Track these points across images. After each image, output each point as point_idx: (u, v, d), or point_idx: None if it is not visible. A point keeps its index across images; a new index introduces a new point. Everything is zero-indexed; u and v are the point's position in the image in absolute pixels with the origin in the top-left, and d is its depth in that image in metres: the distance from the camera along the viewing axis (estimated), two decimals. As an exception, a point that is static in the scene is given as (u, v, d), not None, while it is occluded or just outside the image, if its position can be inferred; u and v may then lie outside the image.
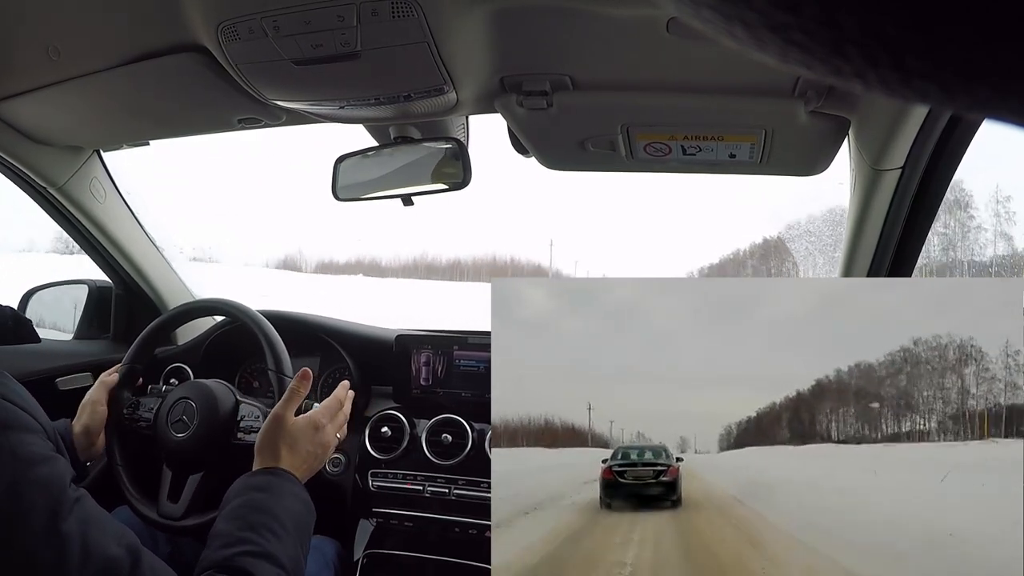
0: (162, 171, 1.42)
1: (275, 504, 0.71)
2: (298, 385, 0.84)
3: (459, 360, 1.25)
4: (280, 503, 0.72)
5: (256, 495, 0.72)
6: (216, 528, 0.69)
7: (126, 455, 1.01)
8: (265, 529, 0.67)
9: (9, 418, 0.58)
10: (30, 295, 1.41)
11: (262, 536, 0.66)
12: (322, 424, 0.84)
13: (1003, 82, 0.12)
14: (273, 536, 0.67)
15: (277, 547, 0.66)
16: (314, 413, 0.84)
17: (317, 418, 0.84)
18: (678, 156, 0.93)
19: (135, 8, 0.75)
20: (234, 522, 0.68)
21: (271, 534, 0.67)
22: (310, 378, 0.85)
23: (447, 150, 0.98)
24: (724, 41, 0.13)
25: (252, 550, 0.64)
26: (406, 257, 42.51)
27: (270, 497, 0.72)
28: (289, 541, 0.68)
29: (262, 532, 0.67)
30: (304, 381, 0.84)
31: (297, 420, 0.82)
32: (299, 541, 0.71)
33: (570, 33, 0.73)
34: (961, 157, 0.83)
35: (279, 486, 0.74)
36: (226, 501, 0.73)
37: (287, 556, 0.67)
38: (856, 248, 1.00)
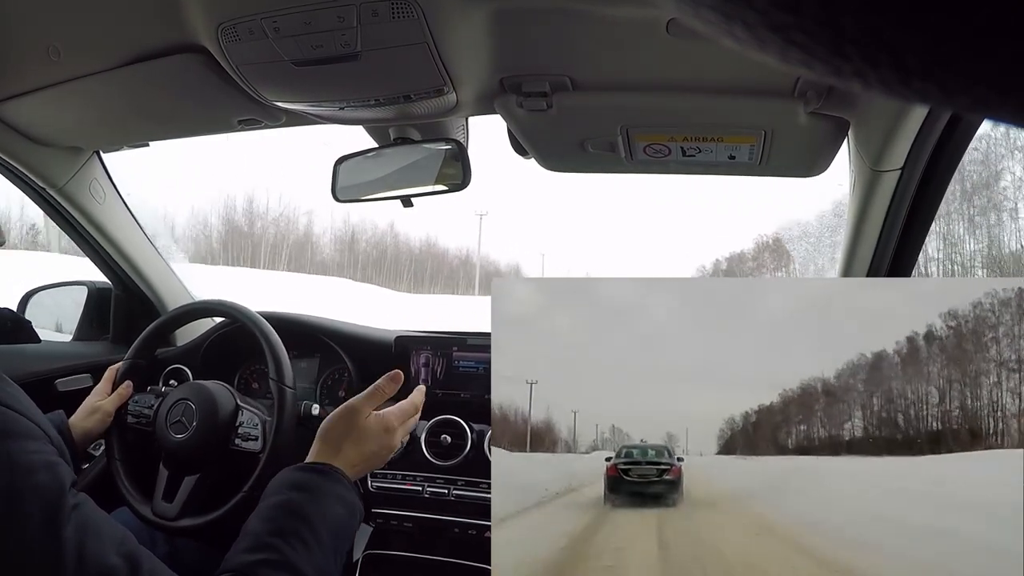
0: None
1: (313, 508, 0.68)
2: (385, 385, 0.81)
3: (458, 361, 1.25)
4: (319, 507, 0.68)
5: (295, 495, 0.69)
6: (248, 525, 0.67)
7: (124, 452, 1.01)
8: (294, 537, 0.64)
9: (8, 425, 0.57)
10: (29, 296, 1.41)
11: (289, 544, 0.64)
12: (393, 427, 0.80)
13: (1003, 82, 0.12)
14: (302, 545, 0.64)
15: (303, 557, 0.63)
16: (388, 413, 0.81)
17: (391, 420, 0.80)
18: (678, 157, 0.93)
19: (135, 8, 0.75)
20: (266, 523, 0.66)
21: (300, 543, 0.64)
22: (400, 381, 0.82)
23: (447, 151, 0.98)
24: (724, 41, 0.13)
25: (274, 559, 0.62)
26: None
27: (310, 499, 0.69)
28: (319, 551, 0.65)
29: (290, 540, 0.64)
30: (392, 384, 0.81)
31: (370, 417, 0.79)
32: (334, 548, 0.68)
33: (570, 34, 0.73)
34: (961, 157, 0.83)
35: (323, 487, 0.71)
36: (266, 494, 0.71)
37: (313, 567, 0.64)
38: (856, 248, 1.00)
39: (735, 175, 1.00)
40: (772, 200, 36.64)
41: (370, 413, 0.79)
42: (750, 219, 46.76)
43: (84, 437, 0.99)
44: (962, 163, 0.84)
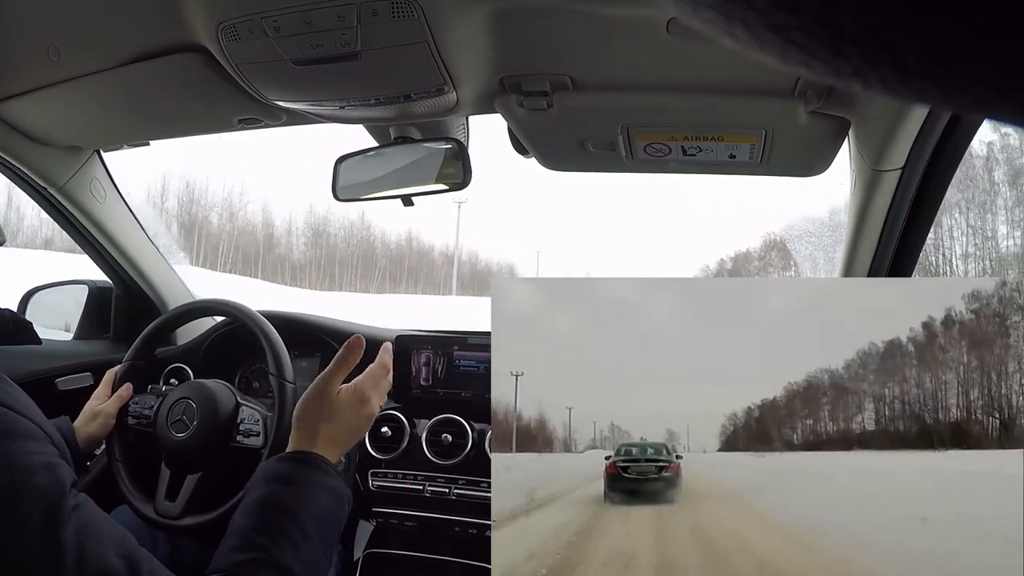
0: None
1: (298, 502, 0.67)
2: (347, 353, 0.77)
3: (459, 360, 1.25)
4: (304, 500, 0.67)
5: (278, 489, 0.68)
6: (234, 522, 0.66)
7: (125, 451, 1.01)
8: (280, 533, 0.64)
9: (8, 425, 0.57)
10: (30, 295, 1.41)
11: (275, 543, 0.63)
12: (367, 395, 0.78)
13: (1003, 82, 0.12)
14: (287, 542, 0.64)
15: (291, 556, 0.63)
16: (359, 382, 0.78)
17: (362, 388, 0.78)
18: (678, 156, 0.93)
19: (135, 8, 0.75)
20: (251, 520, 0.65)
21: (287, 540, 0.64)
22: (362, 346, 0.79)
23: (447, 150, 0.98)
24: (724, 41, 0.13)
25: (261, 558, 0.62)
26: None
27: (294, 492, 0.68)
28: (306, 546, 0.65)
29: (276, 538, 0.63)
30: (355, 349, 0.78)
31: (341, 392, 0.76)
32: (323, 540, 0.67)
33: (570, 33, 0.73)
34: (961, 157, 0.83)
35: (307, 478, 0.69)
36: (250, 487, 0.70)
37: (303, 564, 0.63)
38: (856, 248, 1.00)
39: (735, 175, 1.00)
40: (773, 200, 36.48)
41: (340, 388, 0.77)
42: (750, 219, 46.64)
43: (88, 442, 0.99)
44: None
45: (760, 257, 23.66)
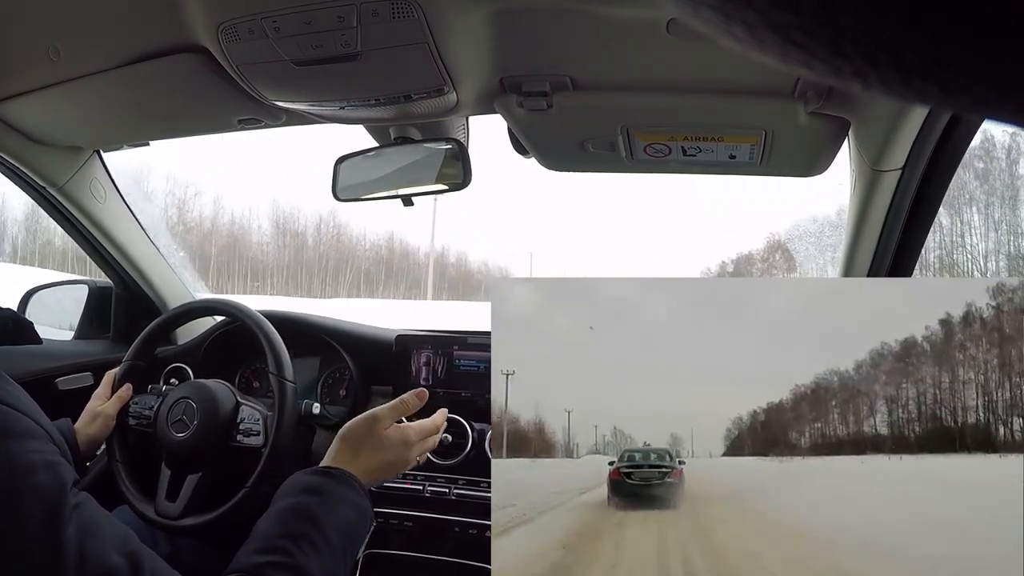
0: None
1: (324, 512, 0.68)
2: (410, 399, 0.82)
3: (459, 360, 1.25)
4: (330, 511, 0.68)
5: (307, 499, 0.69)
6: (258, 527, 0.67)
7: (125, 452, 1.01)
8: (304, 540, 0.64)
9: (8, 424, 0.57)
10: (30, 295, 1.41)
11: (299, 547, 0.64)
12: (412, 441, 0.81)
13: (1003, 82, 0.12)
14: (311, 549, 0.64)
15: (313, 562, 0.63)
16: (408, 428, 0.82)
17: (410, 434, 0.81)
18: (678, 157, 0.93)
19: (135, 8, 0.75)
20: (276, 526, 0.66)
21: (310, 546, 0.64)
22: (424, 399, 0.83)
23: (447, 151, 0.98)
24: (724, 41, 0.13)
25: (284, 562, 0.62)
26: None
27: (321, 503, 0.69)
28: (329, 555, 0.65)
29: (300, 543, 0.64)
30: (417, 400, 0.82)
31: (391, 428, 0.80)
32: (344, 553, 0.68)
33: (570, 33, 0.73)
34: (961, 157, 0.83)
35: (335, 491, 0.71)
36: (277, 497, 0.71)
37: (322, 570, 0.64)
38: (856, 248, 1.00)
39: (735, 175, 1.00)
40: (773, 201, 36.48)
41: (391, 424, 0.80)
42: (750, 220, 46.59)
43: (89, 444, 0.99)
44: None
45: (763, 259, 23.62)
